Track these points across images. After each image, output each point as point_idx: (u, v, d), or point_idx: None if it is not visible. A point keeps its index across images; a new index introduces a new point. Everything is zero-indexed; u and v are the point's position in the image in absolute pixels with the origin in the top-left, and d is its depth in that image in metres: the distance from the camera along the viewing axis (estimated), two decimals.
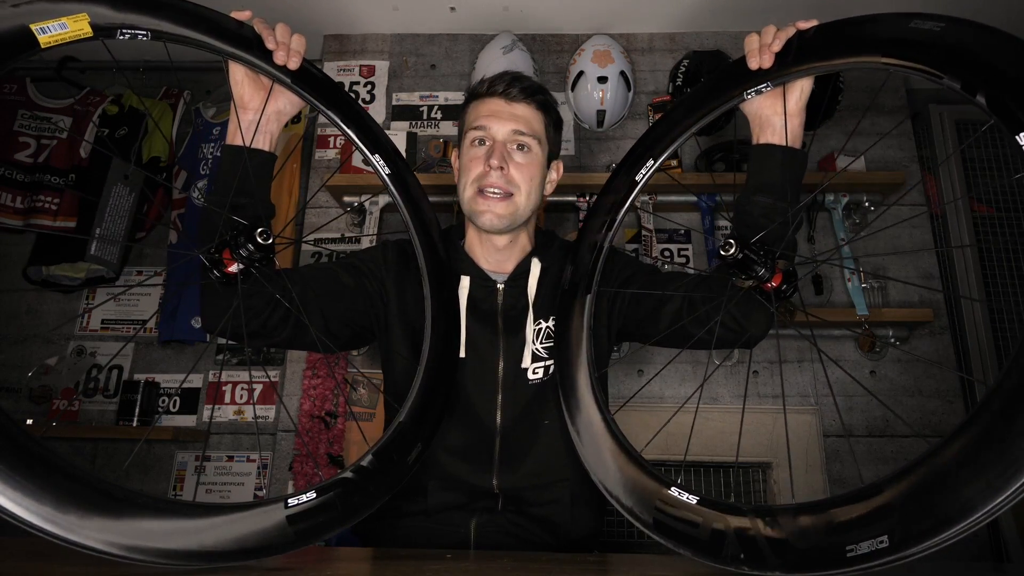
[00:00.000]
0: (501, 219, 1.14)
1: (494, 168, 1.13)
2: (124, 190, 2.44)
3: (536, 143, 1.17)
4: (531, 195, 1.17)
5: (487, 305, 1.17)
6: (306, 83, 0.98)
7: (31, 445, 0.63)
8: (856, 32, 0.86)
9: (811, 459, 2.10)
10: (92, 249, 2.34)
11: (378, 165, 1.02)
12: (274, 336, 1.05)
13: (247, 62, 0.94)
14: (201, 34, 0.89)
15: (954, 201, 2.42)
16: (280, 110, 1.01)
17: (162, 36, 0.85)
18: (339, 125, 1.00)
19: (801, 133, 0.98)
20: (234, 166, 0.97)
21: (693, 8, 2.43)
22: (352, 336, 1.18)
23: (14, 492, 0.61)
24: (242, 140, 0.97)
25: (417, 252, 1.04)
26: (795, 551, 0.68)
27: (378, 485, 0.85)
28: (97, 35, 0.79)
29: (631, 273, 1.20)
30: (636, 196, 1.05)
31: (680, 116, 1.04)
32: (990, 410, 0.60)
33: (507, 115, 1.16)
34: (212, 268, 0.87)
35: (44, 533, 0.61)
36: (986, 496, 0.58)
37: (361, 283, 1.15)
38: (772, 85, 0.93)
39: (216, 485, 2.30)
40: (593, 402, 0.96)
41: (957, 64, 0.73)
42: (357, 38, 2.61)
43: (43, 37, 0.75)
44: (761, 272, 0.86)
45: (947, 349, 2.20)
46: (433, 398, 0.99)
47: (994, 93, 0.69)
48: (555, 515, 1.11)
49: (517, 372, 1.14)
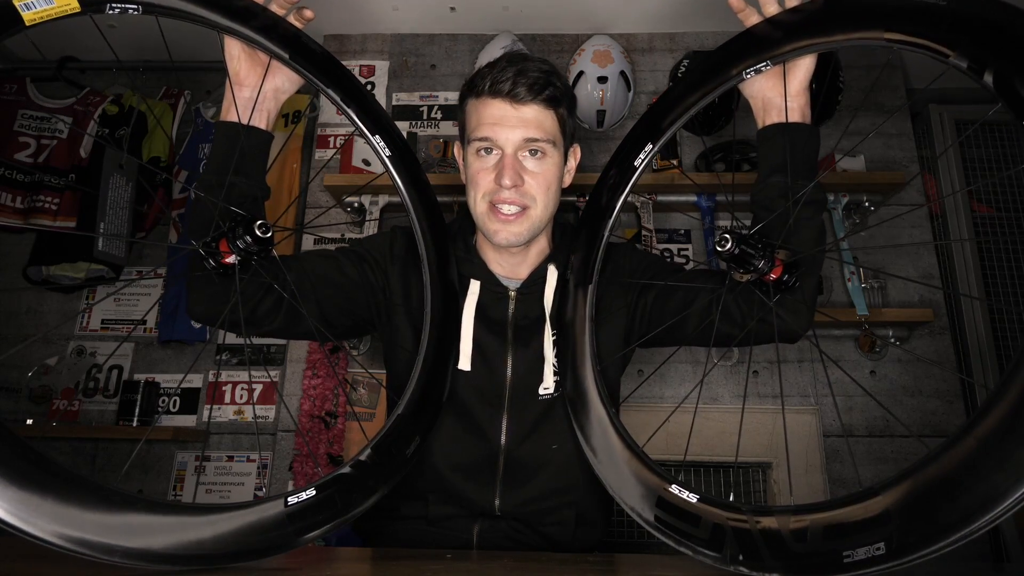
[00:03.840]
0: (518, 236, 1.06)
1: (507, 188, 1.03)
2: (121, 180, 2.43)
3: (551, 146, 1.06)
4: (549, 203, 1.08)
5: (497, 313, 1.10)
6: (305, 59, 0.92)
7: (27, 453, 0.63)
8: (858, 5, 0.82)
9: (811, 459, 2.10)
10: (100, 245, 2.34)
11: (378, 147, 0.97)
12: (265, 324, 0.99)
13: (244, 36, 0.88)
14: (195, 6, 0.84)
15: (953, 194, 2.42)
16: (278, 87, 0.96)
17: (153, 9, 0.80)
18: (339, 104, 0.94)
19: (808, 112, 0.93)
20: (229, 143, 0.92)
21: (693, 7, 2.43)
22: (351, 326, 1.13)
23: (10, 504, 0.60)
24: (237, 117, 0.92)
25: (417, 237, 0.99)
26: (793, 554, 0.67)
27: (377, 479, 0.84)
28: (85, 10, 0.75)
29: (654, 273, 1.14)
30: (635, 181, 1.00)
31: (677, 97, 0.98)
32: (990, 416, 0.59)
33: (515, 121, 1.04)
34: (208, 258, 0.84)
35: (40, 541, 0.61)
36: (986, 505, 0.56)
37: (364, 273, 1.10)
38: (772, 63, 0.88)
39: (216, 485, 2.30)
40: (597, 395, 0.93)
41: (965, 40, 0.68)
42: (357, 38, 2.61)
43: (27, 14, 0.72)
44: (760, 265, 0.84)
45: (947, 349, 2.20)
46: (431, 389, 0.96)
47: (1003, 73, 0.65)
48: (558, 535, 1.07)
49: (526, 387, 1.07)
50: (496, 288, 1.12)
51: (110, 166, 2.40)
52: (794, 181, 0.90)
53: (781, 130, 0.92)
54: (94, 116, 2.51)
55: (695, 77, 0.97)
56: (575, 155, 1.16)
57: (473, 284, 1.10)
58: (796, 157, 0.91)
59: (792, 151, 0.91)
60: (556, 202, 1.11)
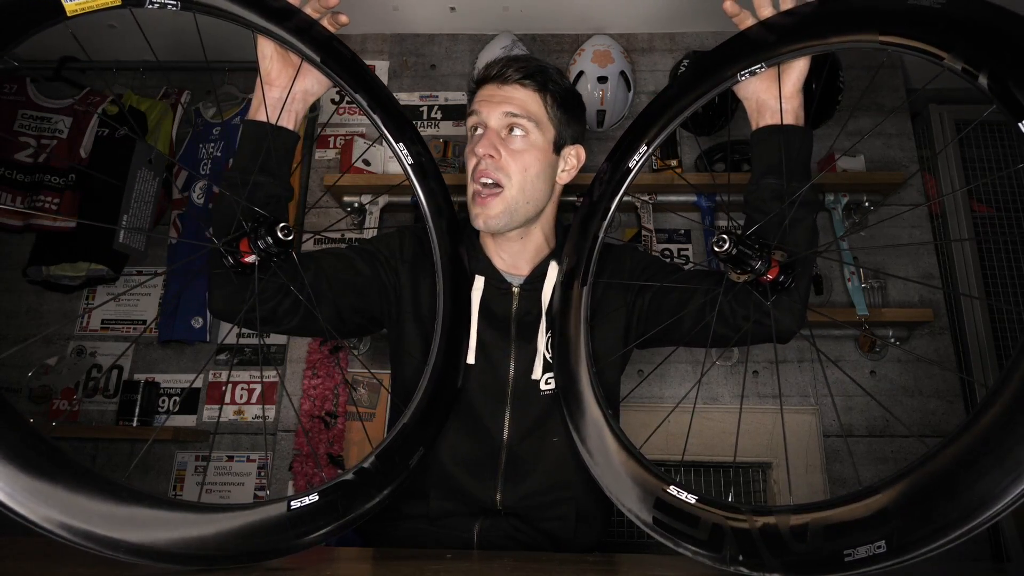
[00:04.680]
0: (496, 219, 1.08)
1: (481, 156, 1.06)
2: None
3: (533, 126, 1.08)
4: (525, 187, 1.08)
5: (501, 309, 1.11)
6: (336, 63, 0.94)
7: (38, 443, 0.63)
8: (852, 8, 0.82)
9: (811, 459, 2.10)
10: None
11: (401, 155, 0.98)
12: (283, 324, 1.01)
13: (278, 37, 0.90)
14: (234, 4, 0.85)
15: (951, 194, 2.42)
16: (307, 89, 0.97)
17: (192, 6, 0.82)
18: (366, 109, 0.95)
19: (802, 114, 0.94)
20: (256, 143, 0.93)
21: (693, 8, 2.43)
22: (363, 324, 1.14)
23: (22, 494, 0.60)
24: (266, 116, 0.93)
25: (434, 248, 0.99)
26: (793, 553, 0.67)
27: (379, 487, 0.84)
28: (125, 4, 0.77)
29: (652, 274, 1.15)
30: (630, 183, 1.01)
31: (671, 99, 0.99)
32: (990, 414, 0.59)
33: (499, 98, 1.08)
34: (227, 256, 0.84)
35: (42, 530, 0.61)
36: (985, 502, 0.57)
37: (376, 272, 1.11)
38: (766, 65, 0.89)
39: (216, 485, 2.30)
40: (592, 397, 0.93)
41: (960, 43, 0.69)
42: (357, 38, 2.61)
43: (70, 4, 0.72)
44: (757, 265, 0.84)
45: (947, 349, 2.20)
46: (438, 402, 0.96)
47: (997, 76, 0.66)
48: (558, 531, 1.08)
49: (528, 382, 1.08)
50: (500, 284, 1.13)
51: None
52: (787, 183, 0.91)
53: (775, 132, 0.93)
54: (94, 116, 2.50)
55: (689, 79, 0.98)
56: (577, 156, 1.17)
57: (478, 280, 1.11)
58: (789, 159, 0.92)
59: (785, 153, 0.92)
60: (538, 190, 1.11)
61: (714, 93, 0.94)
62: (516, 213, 1.09)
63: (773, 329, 0.95)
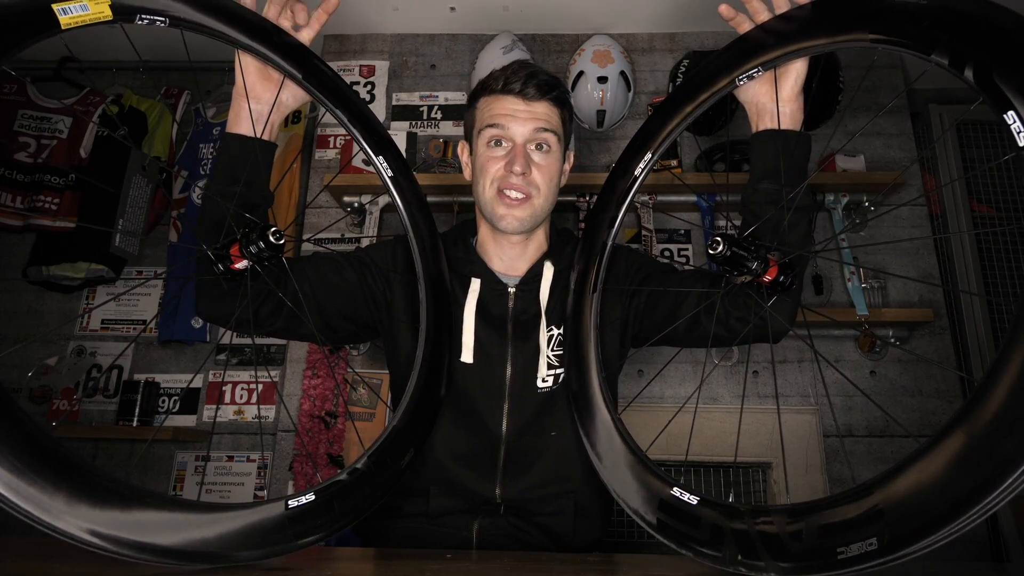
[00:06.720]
0: (522, 222, 1.13)
1: (517, 175, 1.11)
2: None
3: (556, 140, 1.15)
4: (549, 195, 1.15)
5: (497, 310, 1.15)
6: (316, 80, 0.97)
7: (42, 440, 0.64)
8: (843, 8, 0.84)
9: (811, 459, 2.10)
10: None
11: (381, 167, 1.02)
12: (267, 325, 1.03)
13: (261, 55, 0.93)
14: (219, 23, 0.88)
15: (950, 183, 2.42)
16: (283, 101, 1.00)
17: (180, 23, 0.84)
18: (346, 124, 0.99)
19: (800, 117, 0.95)
20: (238, 154, 0.96)
21: (693, 8, 2.43)
22: (354, 331, 1.16)
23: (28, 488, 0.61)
24: (248, 129, 0.97)
25: (415, 257, 1.03)
26: (790, 552, 0.68)
27: (374, 488, 0.86)
28: (116, 19, 0.79)
29: (647, 274, 1.17)
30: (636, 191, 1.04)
31: (673, 108, 1.02)
32: (978, 408, 0.59)
33: (526, 115, 1.12)
34: (217, 263, 0.86)
35: (46, 527, 0.61)
36: (976, 495, 0.57)
37: (365, 280, 1.13)
38: (763, 69, 0.91)
39: (216, 485, 2.30)
40: (603, 402, 0.95)
41: (944, 37, 0.69)
42: (357, 38, 2.61)
43: (64, 18, 0.74)
44: (754, 267, 0.85)
45: (947, 349, 2.20)
46: (426, 403, 0.99)
47: (982, 68, 0.66)
48: (558, 526, 1.09)
49: (525, 380, 1.11)
50: (496, 285, 1.16)
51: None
52: (783, 187, 0.93)
53: (773, 136, 0.95)
54: (94, 116, 2.51)
55: (691, 86, 1.00)
56: (569, 160, 1.23)
57: (474, 282, 1.14)
58: (787, 162, 0.94)
59: (783, 157, 0.94)
60: (555, 196, 1.18)
61: (715, 99, 0.96)
62: (538, 218, 1.15)
63: (770, 329, 0.97)
